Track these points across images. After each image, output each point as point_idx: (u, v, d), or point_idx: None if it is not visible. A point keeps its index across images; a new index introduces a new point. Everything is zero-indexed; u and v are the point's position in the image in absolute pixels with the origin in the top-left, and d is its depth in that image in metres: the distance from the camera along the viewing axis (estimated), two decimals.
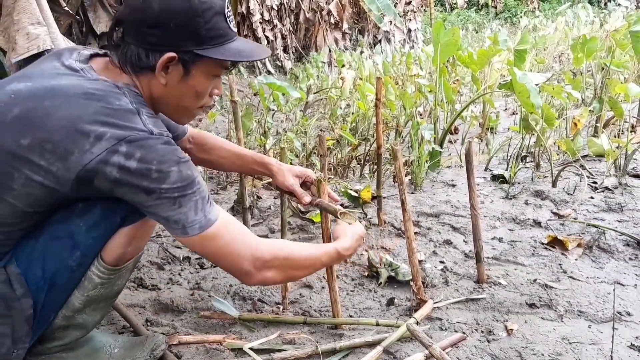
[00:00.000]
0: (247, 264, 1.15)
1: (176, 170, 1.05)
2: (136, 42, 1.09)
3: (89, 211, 1.13)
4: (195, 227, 1.09)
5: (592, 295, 1.69)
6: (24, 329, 1.12)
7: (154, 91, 1.15)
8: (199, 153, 1.60)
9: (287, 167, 1.58)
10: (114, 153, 1.01)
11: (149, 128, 1.05)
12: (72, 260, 1.13)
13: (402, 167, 1.67)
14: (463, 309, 1.65)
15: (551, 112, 2.76)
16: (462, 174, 2.95)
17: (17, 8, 1.92)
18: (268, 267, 1.17)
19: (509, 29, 12.88)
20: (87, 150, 1.00)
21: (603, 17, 9.69)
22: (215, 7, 1.10)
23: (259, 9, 8.56)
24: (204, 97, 1.19)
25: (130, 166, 1.01)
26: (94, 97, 1.04)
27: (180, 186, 1.06)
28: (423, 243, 2.14)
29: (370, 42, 10.76)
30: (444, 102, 3.50)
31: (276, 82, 3.28)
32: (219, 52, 1.11)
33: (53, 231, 1.12)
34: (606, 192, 2.59)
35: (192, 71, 1.12)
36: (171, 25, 1.06)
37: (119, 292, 1.28)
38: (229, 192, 2.90)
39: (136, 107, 1.07)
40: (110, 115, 1.03)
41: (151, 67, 1.10)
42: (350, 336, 1.50)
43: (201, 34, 1.09)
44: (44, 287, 1.12)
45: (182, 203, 1.06)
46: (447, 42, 3.35)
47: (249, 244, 1.16)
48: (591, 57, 3.90)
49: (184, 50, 1.09)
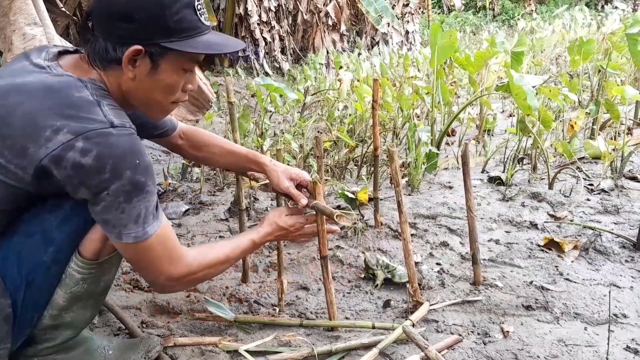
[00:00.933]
0: (162, 279, 1.17)
1: (130, 173, 1.02)
2: (104, 36, 1.08)
3: (59, 206, 1.11)
4: (131, 236, 1.07)
5: (588, 298, 1.69)
6: (4, 329, 1.10)
7: (123, 85, 1.13)
8: (191, 149, 1.58)
9: (282, 167, 1.53)
10: (70, 149, 0.98)
11: (109, 119, 1.03)
12: (47, 257, 1.12)
13: (399, 169, 1.67)
14: (459, 311, 1.65)
15: (548, 115, 2.77)
16: (459, 175, 2.95)
17: (13, 8, 1.91)
18: (181, 282, 1.22)
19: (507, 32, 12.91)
20: (42, 145, 0.99)
21: (600, 20, 9.73)
22: (184, 0, 1.08)
23: (256, 10, 8.56)
24: (176, 91, 1.17)
25: (85, 163, 0.99)
26: (53, 90, 1.03)
27: (128, 191, 1.03)
28: (419, 245, 2.14)
29: (368, 44, 10.77)
30: (441, 104, 3.51)
31: (274, 83, 3.27)
32: (188, 45, 1.09)
33: (25, 228, 1.11)
34: (602, 194, 2.59)
35: (161, 65, 1.11)
36: (138, 18, 1.05)
37: (106, 288, 1.27)
38: (225, 194, 2.90)
39: (97, 99, 1.05)
40: (68, 107, 1.01)
41: (118, 61, 1.08)
42: (346, 338, 1.50)
43: (169, 27, 1.07)
44: (21, 285, 1.11)
45: (124, 209, 1.04)
46: (444, 44, 3.36)
47: (171, 263, 1.16)
48: (588, 60, 3.90)
49: (151, 43, 1.08)
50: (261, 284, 1.86)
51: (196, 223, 2.48)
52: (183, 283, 1.22)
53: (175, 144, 1.56)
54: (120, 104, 1.12)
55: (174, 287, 1.24)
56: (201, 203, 2.74)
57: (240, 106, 4.47)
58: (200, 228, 2.42)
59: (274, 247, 2.13)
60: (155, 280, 1.19)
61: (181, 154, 1.64)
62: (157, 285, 1.21)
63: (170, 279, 1.17)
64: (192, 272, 1.20)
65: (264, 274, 1.96)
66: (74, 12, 3.81)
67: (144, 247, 1.10)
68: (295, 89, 5.44)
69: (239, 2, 8.44)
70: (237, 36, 8.63)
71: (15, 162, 1.01)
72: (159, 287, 1.23)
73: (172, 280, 1.18)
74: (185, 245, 1.32)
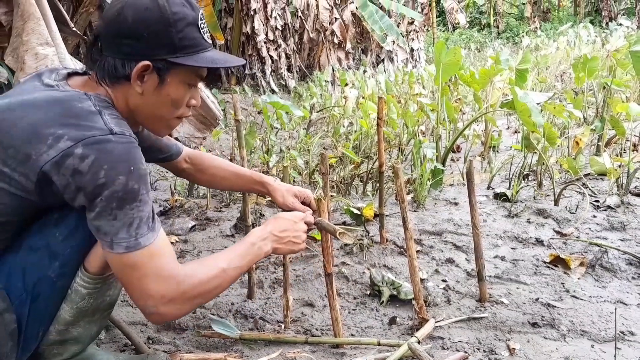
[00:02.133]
0: (152, 302, 1.07)
1: (123, 180, 1.02)
2: (113, 54, 1.13)
3: (64, 220, 1.12)
4: (122, 245, 1.04)
5: (595, 315, 1.68)
6: (8, 345, 1.11)
7: (130, 101, 1.17)
8: (196, 173, 1.62)
9: (286, 186, 1.57)
10: (69, 156, 1.00)
11: (109, 127, 1.05)
12: (52, 271, 1.13)
13: (404, 185, 1.68)
14: (465, 328, 1.65)
15: (553, 131, 2.78)
16: (465, 192, 2.95)
17: (26, 29, 1.96)
18: (175, 305, 1.09)
19: (511, 49, 12.99)
20: (43, 152, 1.01)
21: (604, 37, 9.77)
22: (188, 18, 1.14)
23: (263, 29, 8.67)
24: (180, 106, 1.21)
25: (82, 169, 1.00)
26: (57, 101, 1.07)
27: (121, 197, 1.02)
28: (425, 261, 2.14)
29: (373, 61, 10.87)
30: (446, 121, 3.53)
31: (280, 100, 3.31)
32: (192, 60, 1.15)
33: (30, 243, 1.12)
34: (608, 210, 2.59)
35: (167, 79, 1.15)
36: (145, 35, 1.10)
37: (112, 303, 1.27)
38: (231, 210, 2.92)
39: (99, 109, 1.07)
40: (70, 117, 1.04)
41: (127, 77, 1.13)
42: (352, 355, 1.49)
43: (174, 43, 1.12)
44: (26, 300, 1.11)
45: (117, 216, 1.03)
46: (449, 62, 3.39)
47: (158, 281, 1.07)
48: (592, 77, 3.93)
49: (158, 58, 1.12)
50: (267, 300, 1.86)
51: (202, 239, 2.50)
52: (177, 306, 1.09)
53: (180, 168, 1.60)
54: (127, 122, 1.14)
55: (167, 312, 1.09)
56: (207, 219, 2.75)
57: (247, 123, 4.51)
58: (206, 244, 2.44)
59: (279, 263, 2.13)
60: (146, 304, 1.08)
61: (187, 178, 1.68)
62: (149, 312, 1.09)
63: (160, 300, 1.07)
64: (184, 292, 1.09)
65: (269, 290, 1.96)
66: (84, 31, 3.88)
67: (134, 259, 1.05)
68: (301, 106, 5.49)
69: (246, 21, 8.56)
70: (244, 54, 8.74)
71: (19, 170, 1.03)
72: (152, 314, 1.09)
73: (162, 302, 1.07)
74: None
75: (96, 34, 1.16)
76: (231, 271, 1.17)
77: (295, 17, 9.50)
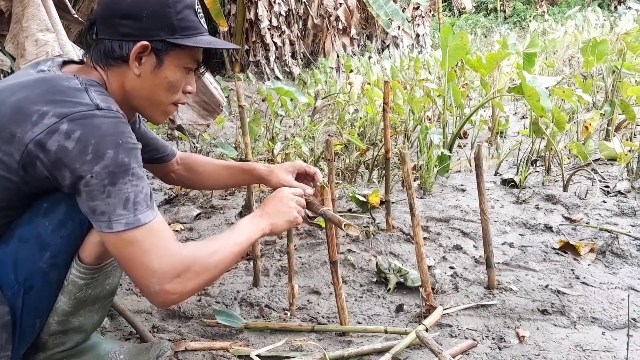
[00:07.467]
0: (155, 281, 1.03)
1: (112, 153, 0.99)
2: (110, 36, 1.12)
3: (54, 210, 1.10)
4: (122, 222, 1.00)
5: (606, 302, 1.65)
6: (3, 337, 1.09)
7: (127, 84, 1.15)
8: (186, 172, 1.60)
9: (275, 166, 1.54)
10: (54, 132, 0.98)
11: (95, 102, 1.02)
12: (43, 262, 1.10)
13: (411, 171, 1.65)
14: (473, 315, 1.63)
15: (562, 116, 2.73)
16: (472, 178, 2.92)
17: (26, 15, 1.93)
18: (179, 283, 1.05)
19: (518, 33, 12.83)
20: (28, 130, 0.99)
21: (613, 20, 9.62)
22: (186, 1, 1.14)
23: (267, 15, 8.60)
24: (177, 91, 1.20)
25: (69, 145, 0.98)
26: (43, 80, 1.06)
27: (112, 172, 0.99)
28: (432, 248, 2.12)
29: (379, 47, 10.76)
30: (453, 107, 3.48)
31: (284, 87, 3.28)
32: (191, 41, 1.14)
33: (20, 234, 1.10)
34: (619, 196, 2.55)
35: (164, 61, 1.14)
36: (143, 15, 1.10)
37: (113, 291, 1.25)
38: (236, 197, 2.90)
39: (85, 87, 1.06)
40: (55, 94, 1.02)
41: (124, 59, 1.12)
42: (358, 343, 1.48)
43: (173, 24, 1.12)
44: (19, 292, 1.09)
45: (111, 193, 0.99)
46: (455, 47, 3.34)
47: (162, 258, 1.03)
48: (602, 60, 3.86)
49: (157, 39, 1.11)
50: (272, 288, 1.85)
51: (207, 227, 2.48)
52: (182, 283, 1.05)
53: (172, 169, 1.59)
54: (121, 108, 1.11)
55: (173, 289, 1.04)
56: (212, 207, 2.74)
57: (251, 110, 4.47)
58: (211, 232, 2.42)
59: (285, 250, 2.12)
60: (150, 282, 1.03)
61: (175, 181, 1.64)
62: (153, 291, 1.04)
63: (164, 276, 1.03)
64: (188, 267, 1.05)
65: (275, 277, 1.95)
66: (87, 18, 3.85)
67: (134, 235, 1.01)
68: (306, 92, 5.45)
69: (250, 7, 8.49)
70: (248, 41, 8.68)
71: (4, 149, 1.01)
72: (157, 293, 1.04)
73: (167, 279, 1.03)
74: None
75: (92, 20, 1.15)
76: (231, 246, 1.14)
77: (299, 3, 9.40)
